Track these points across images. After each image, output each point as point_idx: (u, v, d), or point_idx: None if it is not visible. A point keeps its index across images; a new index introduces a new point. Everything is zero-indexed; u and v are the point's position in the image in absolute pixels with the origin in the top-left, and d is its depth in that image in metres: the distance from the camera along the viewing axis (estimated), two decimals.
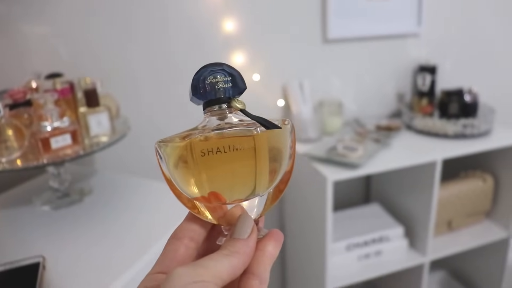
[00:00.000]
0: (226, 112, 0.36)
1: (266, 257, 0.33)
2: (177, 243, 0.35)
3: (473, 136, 1.46)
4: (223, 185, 0.35)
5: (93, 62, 1.25)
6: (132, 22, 1.26)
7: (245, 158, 0.34)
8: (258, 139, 0.34)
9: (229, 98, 0.36)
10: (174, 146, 0.35)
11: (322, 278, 1.38)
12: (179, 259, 0.34)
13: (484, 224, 1.66)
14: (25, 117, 0.91)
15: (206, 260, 0.30)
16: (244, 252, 0.31)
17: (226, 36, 1.38)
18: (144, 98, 1.35)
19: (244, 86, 0.37)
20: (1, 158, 0.85)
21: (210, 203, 0.35)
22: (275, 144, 0.36)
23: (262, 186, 0.35)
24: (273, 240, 0.34)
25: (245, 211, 0.35)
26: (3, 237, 0.86)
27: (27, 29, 1.16)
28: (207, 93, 0.36)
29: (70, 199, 0.96)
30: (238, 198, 0.35)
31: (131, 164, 1.38)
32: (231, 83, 0.36)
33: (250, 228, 0.33)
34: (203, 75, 0.35)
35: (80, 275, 0.70)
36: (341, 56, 1.58)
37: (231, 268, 0.30)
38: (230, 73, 0.36)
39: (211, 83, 0.35)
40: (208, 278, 0.28)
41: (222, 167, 0.34)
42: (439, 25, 1.69)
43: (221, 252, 0.31)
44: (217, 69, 0.36)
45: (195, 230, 0.36)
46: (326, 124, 1.52)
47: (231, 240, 0.32)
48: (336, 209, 1.64)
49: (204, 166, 0.34)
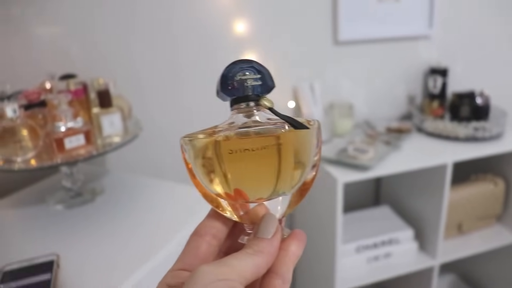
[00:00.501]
0: (254, 110, 0.36)
1: (289, 257, 0.33)
2: (199, 240, 0.35)
3: (484, 139, 1.45)
4: (247, 183, 0.34)
5: (105, 63, 1.26)
6: (142, 23, 1.27)
7: (271, 157, 0.33)
8: (284, 138, 0.33)
9: (258, 96, 0.35)
10: (200, 142, 0.35)
11: (331, 280, 1.38)
12: (201, 256, 0.34)
13: (495, 228, 1.65)
14: (40, 117, 0.92)
15: (230, 259, 0.30)
16: (268, 252, 0.31)
17: (237, 38, 1.39)
18: (154, 99, 1.36)
19: (273, 84, 0.36)
20: (16, 158, 0.86)
21: (234, 200, 0.35)
22: (302, 143, 0.35)
23: (287, 186, 0.35)
24: (296, 240, 0.34)
25: (269, 210, 0.35)
26: (18, 235, 0.88)
27: (40, 31, 1.17)
28: (235, 90, 0.35)
29: (82, 198, 0.98)
30: (262, 196, 0.34)
31: (141, 164, 1.39)
32: (260, 81, 0.35)
33: (275, 227, 0.33)
34: (232, 72, 0.35)
35: (93, 273, 0.71)
36: (352, 58, 1.58)
37: (255, 267, 0.30)
38: (260, 71, 0.35)
39: (240, 80, 0.35)
40: (233, 276, 0.29)
41: (248, 165, 0.33)
42: (450, 27, 1.68)
43: (245, 251, 0.31)
44: (246, 66, 0.35)
45: (217, 228, 0.36)
46: (337, 126, 1.52)
47: (255, 239, 0.32)
48: (346, 211, 1.64)
49: (230, 163, 0.33)
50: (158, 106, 1.37)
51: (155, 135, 1.36)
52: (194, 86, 1.38)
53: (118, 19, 1.25)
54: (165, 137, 1.39)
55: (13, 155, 0.86)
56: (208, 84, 1.39)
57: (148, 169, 1.40)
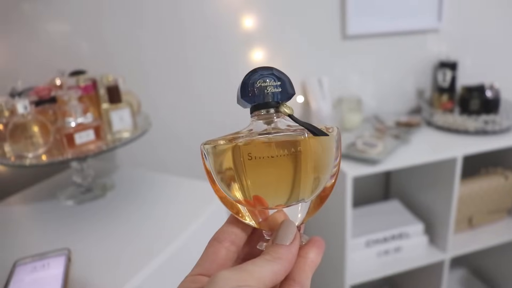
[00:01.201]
0: (274, 117, 0.36)
1: (308, 264, 0.33)
2: (218, 245, 0.35)
3: (494, 132, 1.44)
4: (267, 189, 0.34)
5: (114, 59, 1.27)
6: (151, 19, 1.28)
7: (290, 164, 0.34)
8: (304, 145, 0.34)
9: (278, 102, 0.36)
10: (220, 149, 0.35)
11: (341, 274, 1.38)
12: (220, 262, 0.34)
13: (506, 222, 1.64)
14: (50, 113, 0.93)
15: (249, 265, 0.30)
16: (286, 258, 0.31)
17: (246, 33, 1.39)
18: (163, 95, 1.36)
19: (293, 91, 0.36)
20: (28, 154, 0.87)
21: (253, 207, 0.35)
22: (321, 150, 0.35)
23: (306, 193, 0.35)
24: (315, 247, 0.34)
25: (287, 217, 0.35)
26: (30, 230, 0.89)
27: (50, 27, 1.18)
28: (255, 96, 0.35)
29: (93, 194, 0.98)
30: (281, 203, 0.35)
31: (151, 160, 1.40)
32: (280, 88, 0.35)
33: (293, 234, 0.33)
34: (252, 79, 0.35)
35: (104, 267, 0.72)
36: (360, 52, 1.57)
37: (273, 274, 0.30)
38: (280, 78, 0.36)
39: (260, 87, 0.35)
40: (252, 283, 0.29)
41: (267, 171, 0.34)
42: (459, 20, 1.66)
43: (264, 257, 0.31)
44: (266, 73, 0.35)
45: (236, 234, 0.36)
46: (346, 120, 1.52)
47: (274, 246, 0.32)
48: (356, 205, 1.64)
49: (250, 170, 0.33)
50: (167, 101, 1.37)
51: (164, 131, 1.37)
52: (203, 81, 1.38)
53: (127, 15, 1.25)
54: (174, 132, 1.39)
55: (24, 151, 0.87)
56: (217, 79, 1.39)
57: (158, 164, 1.41)
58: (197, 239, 0.82)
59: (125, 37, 1.27)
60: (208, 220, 0.87)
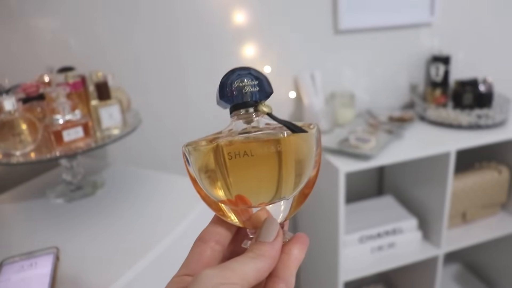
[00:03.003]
0: (253, 116, 0.36)
1: (292, 260, 0.33)
2: (203, 246, 0.35)
3: (488, 126, 1.44)
4: (249, 188, 0.35)
5: (104, 56, 1.26)
6: (142, 15, 1.27)
7: (271, 162, 0.34)
8: (284, 142, 0.34)
9: (256, 102, 0.36)
10: (201, 149, 0.36)
11: (335, 270, 1.38)
12: (205, 262, 0.34)
13: (500, 216, 1.64)
14: (38, 110, 0.92)
15: (232, 263, 0.30)
16: (270, 255, 0.32)
17: (237, 28, 1.37)
18: (153, 91, 1.35)
19: (271, 90, 0.37)
20: (16, 152, 0.86)
21: (236, 206, 0.35)
22: (301, 147, 0.36)
23: (288, 190, 0.35)
24: (299, 244, 0.34)
25: (270, 214, 0.35)
26: (18, 229, 0.88)
27: (40, 23, 1.17)
28: (234, 97, 0.36)
29: (83, 192, 0.97)
30: (264, 201, 0.35)
31: (142, 157, 1.39)
32: (258, 87, 0.36)
33: (276, 231, 0.33)
34: (230, 79, 0.36)
35: (93, 266, 0.71)
36: (353, 47, 1.56)
37: (257, 271, 0.30)
38: (257, 77, 0.36)
39: (238, 87, 0.35)
40: (235, 280, 0.29)
41: (248, 170, 0.34)
42: (452, 14, 1.66)
43: (247, 255, 0.31)
44: (244, 73, 0.36)
45: (220, 233, 0.36)
46: (338, 115, 1.51)
47: (257, 243, 0.32)
48: (349, 201, 1.64)
49: (231, 169, 0.34)
50: (158, 98, 1.36)
51: (156, 128, 1.36)
52: (195, 77, 1.37)
53: (118, 11, 1.24)
54: (166, 129, 1.38)
55: (13, 149, 0.86)
56: (208, 75, 1.38)
57: (149, 162, 1.40)
58: (188, 238, 0.81)
59: (115, 33, 1.26)
60: (198, 218, 0.86)
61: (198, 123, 1.40)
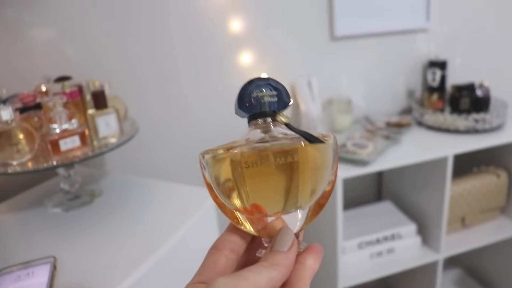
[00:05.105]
0: (271, 126, 0.37)
1: (306, 270, 0.33)
2: (218, 254, 0.35)
3: (485, 131, 1.44)
4: (265, 197, 0.35)
5: (101, 65, 1.26)
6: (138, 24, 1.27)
7: (288, 172, 0.34)
8: (301, 152, 0.34)
9: (274, 112, 0.36)
10: (218, 158, 0.36)
11: (334, 277, 1.37)
12: (220, 270, 0.34)
13: (499, 221, 1.64)
14: (35, 120, 0.92)
15: (246, 272, 0.30)
16: (284, 265, 0.31)
17: (233, 35, 1.38)
18: (150, 100, 1.35)
19: (289, 100, 0.37)
20: (13, 161, 0.86)
21: (251, 214, 0.35)
22: (318, 158, 0.36)
23: (304, 200, 0.35)
24: (313, 254, 0.34)
25: (285, 224, 0.35)
26: (16, 238, 0.87)
27: (36, 33, 1.17)
28: (252, 106, 0.36)
29: (81, 200, 0.97)
30: (279, 210, 0.35)
31: (140, 166, 1.39)
32: (276, 98, 0.36)
33: (291, 240, 0.33)
34: (249, 89, 0.36)
35: (90, 275, 0.71)
36: (349, 53, 1.57)
37: (270, 280, 0.30)
38: (276, 88, 0.36)
39: (257, 97, 0.36)
40: None
41: (265, 179, 0.34)
42: (448, 19, 1.67)
43: (261, 264, 0.31)
44: (263, 83, 0.36)
45: (235, 242, 0.36)
46: (336, 121, 1.51)
47: (271, 253, 0.32)
48: (348, 207, 1.64)
49: (247, 178, 0.34)
50: (155, 106, 1.36)
51: (154, 136, 1.36)
52: (192, 85, 1.38)
53: (114, 20, 1.24)
54: (164, 138, 1.38)
55: (10, 158, 0.86)
56: (205, 83, 1.38)
57: (147, 170, 1.40)
58: (186, 245, 0.81)
59: (112, 42, 1.26)
60: (197, 226, 0.86)
61: (195, 131, 1.40)
